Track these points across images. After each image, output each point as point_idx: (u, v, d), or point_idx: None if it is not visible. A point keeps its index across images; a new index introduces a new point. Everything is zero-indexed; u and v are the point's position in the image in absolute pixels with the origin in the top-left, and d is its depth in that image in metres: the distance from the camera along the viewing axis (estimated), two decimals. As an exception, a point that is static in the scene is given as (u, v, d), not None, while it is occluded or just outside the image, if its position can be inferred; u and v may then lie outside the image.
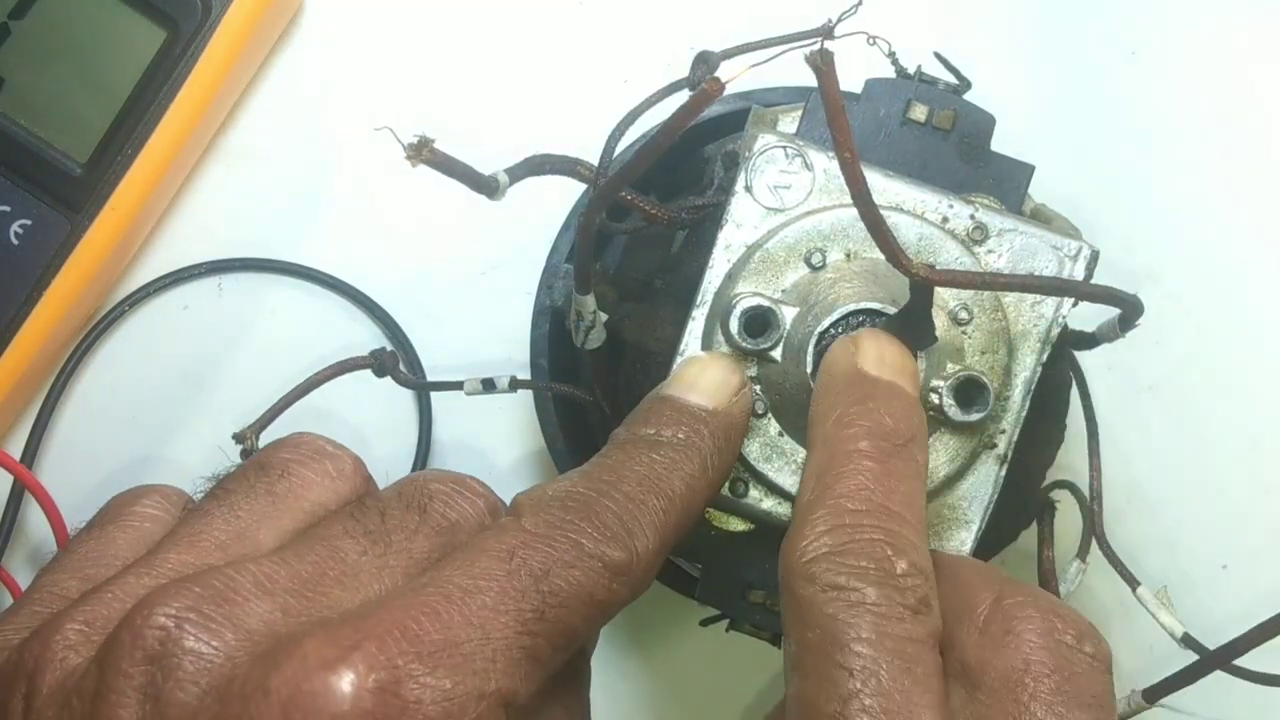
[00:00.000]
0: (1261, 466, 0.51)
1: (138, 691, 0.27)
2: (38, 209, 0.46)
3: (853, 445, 0.33)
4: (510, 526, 0.31)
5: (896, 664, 0.30)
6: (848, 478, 0.33)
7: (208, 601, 0.28)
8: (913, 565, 0.31)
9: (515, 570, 0.30)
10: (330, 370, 0.42)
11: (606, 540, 0.31)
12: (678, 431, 0.34)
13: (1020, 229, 0.38)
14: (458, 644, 0.28)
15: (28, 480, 0.46)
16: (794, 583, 0.32)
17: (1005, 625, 0.31)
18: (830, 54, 0.29)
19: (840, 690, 0.30)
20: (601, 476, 0.33)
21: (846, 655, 0.30)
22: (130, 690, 0.27)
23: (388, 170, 0.50)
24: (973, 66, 0.43)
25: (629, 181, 0.36)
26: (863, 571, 0.31)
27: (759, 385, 0.37)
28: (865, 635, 0.30)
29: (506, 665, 0.29)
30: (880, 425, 0.34)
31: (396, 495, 0.33)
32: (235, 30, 0.46)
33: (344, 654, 0.27)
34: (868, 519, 0.32)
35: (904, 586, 0.31)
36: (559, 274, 0.46)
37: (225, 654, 0.28)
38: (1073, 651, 0.31)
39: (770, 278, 0.38)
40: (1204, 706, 0.48)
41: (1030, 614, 0.31)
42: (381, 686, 0.27)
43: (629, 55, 0.51)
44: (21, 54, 0.46)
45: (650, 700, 0.51)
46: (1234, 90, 0.52)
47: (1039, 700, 0.30)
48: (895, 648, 0.30)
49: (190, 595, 0.28)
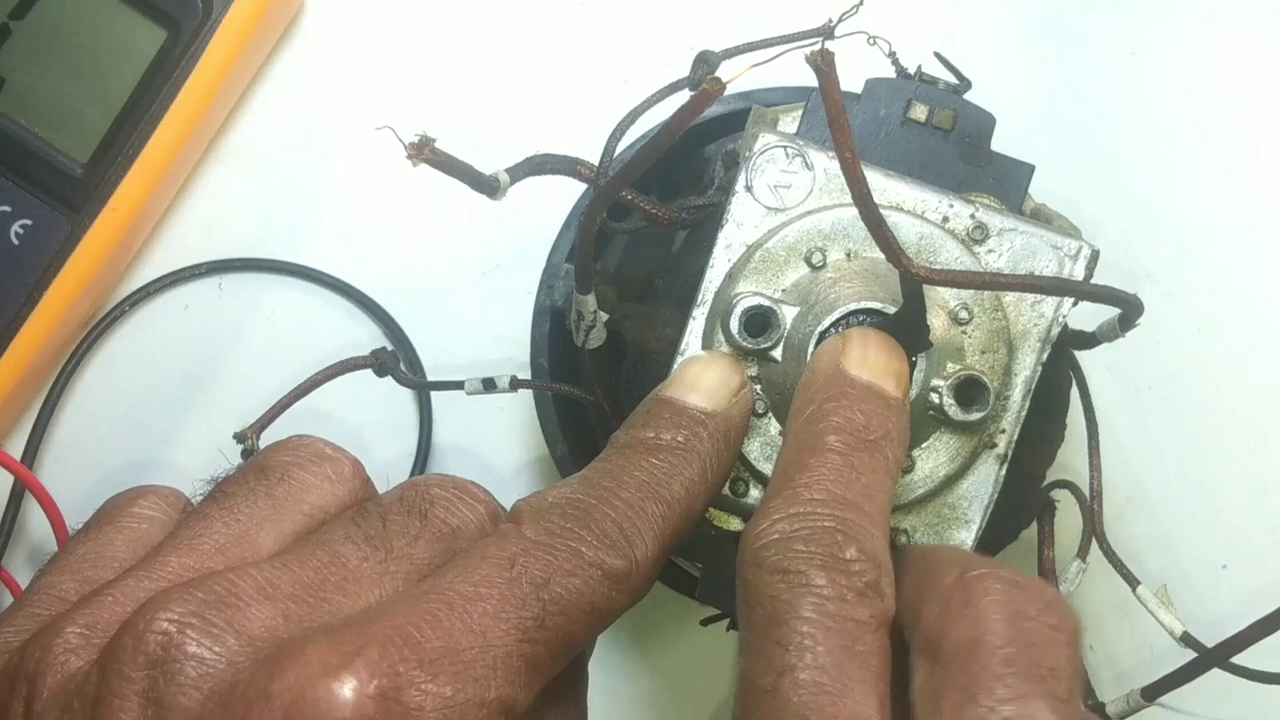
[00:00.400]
0: (1261, 466, 0.51)
1: (139, 696, 0.27)
2: (38, 209, 0.46)
3: (819, 440, 0.33)
4: (511, 534, 0.31)
5: (834, 641, 0.30)
6: (809, 470, 0.33)
7: (210, 606, 0.28)
8: (862, 551, 0.31)
9: (516, 578, 0.30)
10: (330, 370, 0.42)
11: (606, 548, 0.31)
12: (677, 435, 0.34)
13: (1020, 228, 0.38)
14: (459, 651, 0.28)
15: (28, 480, 0.46)
16: (745, 568, 0.32)
17: (966, 597, 0.31)
18: (831, 54, 0.29)
19: (775, 664, 0.30)
20: (601, 482, 0.33)
21: (784, 632, 0.30)
22: (132, 695, 0.27)
23: (388, 170, 0.50)
24: (973, 66, 0.43)
25: (630, 182, 0.36)
26: (809, 556, 0.31)
27: (759, 385, 0.38)
28: (805, 614, 0.30)
29: (507, 673, 0.29)
30: (850, 421, 0.34)
31: (398, 500, 0.33)
32: (235, 30, 0.46)
33: (346, 660, 0.27)
34: (822, 507, 0.32)
35: (851, 571, 0.31)
36: (559, 274, 0.46)
37: (227, 659, 0.28)
38: (1033, 622, 0.30)
39: (771, 277, 0.38)
40: (1204, 706, 0.48)
41: (991, 585, 0.31)
42: (383, 693, 0.27)
43: (629, 55, 0.51)
44: (22, 54, 0.46)
45: (650, 700, 0.51)
46: (1233, 90, 0.52)
47: (989, 671, 0.29)
48: (835, 626, 0.30)
49: (192, 600, 0.28)
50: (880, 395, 0.34)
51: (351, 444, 0.49)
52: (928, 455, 0.38)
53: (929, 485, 0.38)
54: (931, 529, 0.38)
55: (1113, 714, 0.42)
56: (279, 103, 0.51)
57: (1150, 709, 0.42)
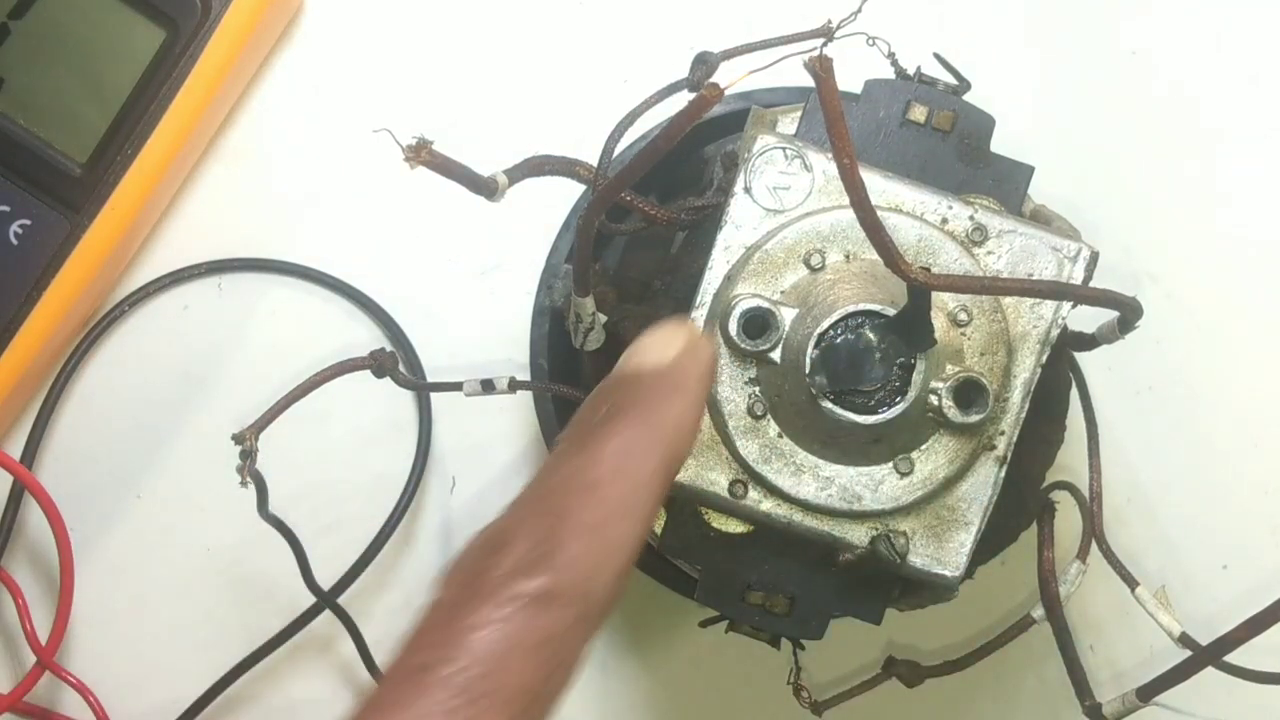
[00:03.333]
0: (1261, 466, 0.51)
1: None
2: (38, 209, 0.46)
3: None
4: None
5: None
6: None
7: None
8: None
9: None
10: (330, 370, 0.42)
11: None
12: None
13: (1020, 230, 0.38)
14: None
15: (28, 480, 0.46)
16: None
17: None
18: (829, 60, 0.29)
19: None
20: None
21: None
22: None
23: (388, 170, 0.49)
24: (972, 67, 0.43)
25: (627, 186, 0.36)
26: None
27: (758, 387, 0.37)
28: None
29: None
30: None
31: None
32: (235, 30, 0.46)
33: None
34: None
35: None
36: (559, 274, 0.46)
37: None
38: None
39: (769, 279, 0.38)
40: (1204, 706, 0.48)
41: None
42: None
43: (629, 55, 0.51)
44: (21, 54, 0.46)
45: (650, 701, 0.51)
46: (1233, 90, 0.52)
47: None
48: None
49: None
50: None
51: (351, 444, 0.50)
52: (927, 457, 0.38)
53: (928, 487, 0.38)
54: (930, 531, 0.38)
55: (1109, 714, 0.41)
56: (279, 102, 0.51)
57: (1149, 709, 0.42)
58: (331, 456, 0.50)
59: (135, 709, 0.49)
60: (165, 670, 0.49)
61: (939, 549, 0.38)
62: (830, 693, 0.47)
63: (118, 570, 0.49)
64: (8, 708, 0.47)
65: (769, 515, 0.38)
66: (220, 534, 0.50)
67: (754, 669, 0.50)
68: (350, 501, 0.50)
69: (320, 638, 0.50)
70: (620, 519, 0.31)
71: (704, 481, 0.38)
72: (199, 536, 0.50)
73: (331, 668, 0.50)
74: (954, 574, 0.38)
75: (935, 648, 0.49)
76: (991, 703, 0.51)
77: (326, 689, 0.50)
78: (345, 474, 0.50)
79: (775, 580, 0.40)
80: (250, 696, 0.50)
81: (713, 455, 0.38)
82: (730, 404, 0.38)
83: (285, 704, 0.50)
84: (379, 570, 0.49)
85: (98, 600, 0.49)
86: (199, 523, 0.50)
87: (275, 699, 0.50)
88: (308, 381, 0.42)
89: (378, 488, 0.49)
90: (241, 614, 0.49)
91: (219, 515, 0.50)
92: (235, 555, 0.50)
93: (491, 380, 0.43)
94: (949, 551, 0.38)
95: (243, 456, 0.40)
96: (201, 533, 0.50)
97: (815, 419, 0.37)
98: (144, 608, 0.50)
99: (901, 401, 0.36)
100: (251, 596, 0.50)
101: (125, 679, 0.49)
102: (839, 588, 0.40)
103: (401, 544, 0.50)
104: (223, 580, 0.50)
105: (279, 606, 0.49)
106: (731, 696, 0.51)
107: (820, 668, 0.50)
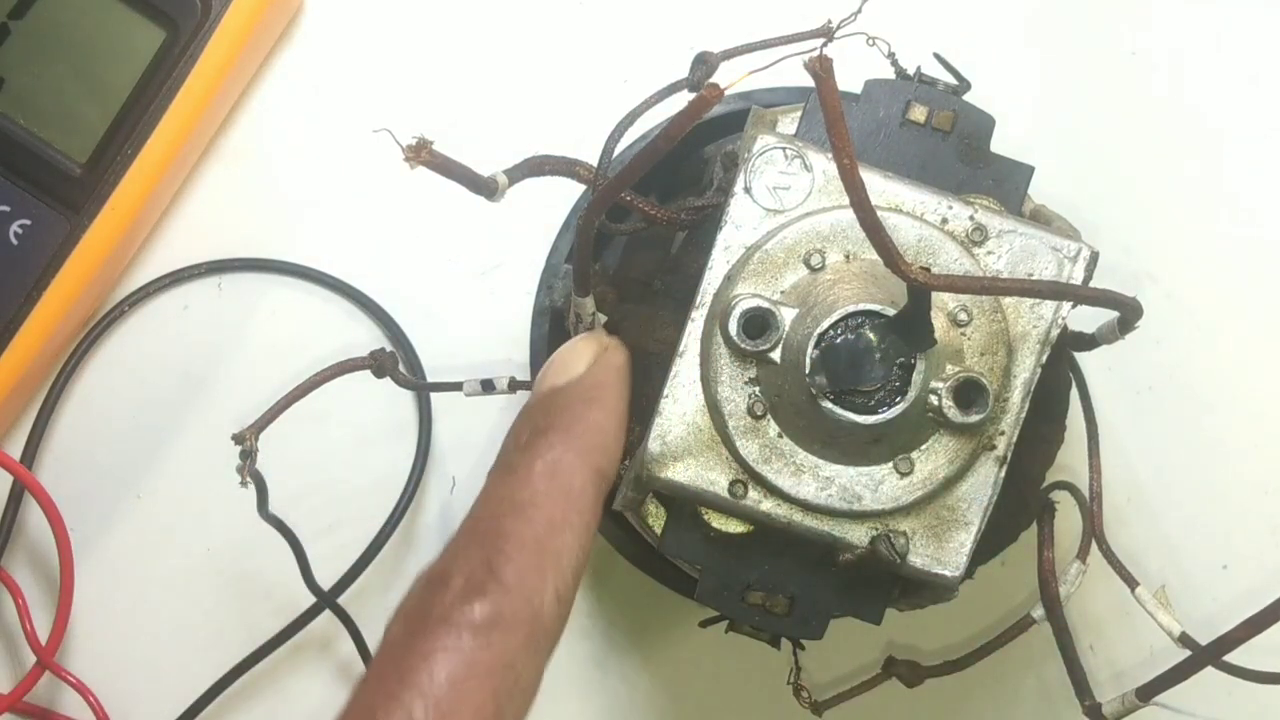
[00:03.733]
0: (1261, 466, 0.51)
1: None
2: (38, 209, 0.46)
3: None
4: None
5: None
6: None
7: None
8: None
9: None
10: (330, 371, 0.42)
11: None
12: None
13: (1020, 230, 0.38)
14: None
15: (28, 480, 0.46)
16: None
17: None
18: (829, 61, 0.29)
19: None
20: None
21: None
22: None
23: (388, 170, 0.49)
24: (973, 67, 0.43)
25: (627, 185, 0.36)
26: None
27: (758, 387, 0.37)
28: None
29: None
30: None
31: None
32: (235, 30, 0.46)
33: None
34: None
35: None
36: (559, 274, 0.46)
37: None
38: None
39: (769, 279, 0.38)
40: (1204, 707, 0.48)
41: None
42: None
43: (629, 55, 0.51)
44: (21, 54, 0.46)
45: (650, 700, 0.51)
46: (1233, 90, 0.52)
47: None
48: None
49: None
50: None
51: (351, 444, 0.50)
52: (927, 457, 0.38)
53: (928, 487, 0.38)
54: (930, 531, 0.38)
55: (1109, 714, 0.41)
56: (279, 102, 0.51)
57: (1149, 709, 0.42)
58: (331, 456, 0.50)
59: (135, 709, 0.49)
60: (165, 670, 0.49)
61: (939, 549, 0.38)
62: (830, 693, 0.47)
63: (118, 570, 0.49)
64: (8, 708, 0.47)
65: (769, 515, 0.38)
66: (220, 534, 0.50)
67: (754, 669, 0.50)
68: (350, 501, 0.50)
69: (320, 638, 0.50)
70: (556, 533, 0.31)
71: (704, 481, 0.38)
72: (199, 536, 0.50)
73: (331, 668, 0.50)
74: (954, 574, 0.38)
75: (935, 648, 0.49)
76: (991, 703, 0.51)
77: (326, 689, 0.50)
78: (345, 474, 0.50)
79: (775, 580, 0.40)
80: (250, 696, 0.50)
81: (713, 455, 0.38)
82: (730, 404, 0.38)
83: (285, 704, 0.50)
84: (379, 570, 0.49)
85: (98, 600, 0.49)
86: (199, 523, 0.50)
87: (275, 699, 0.50)
88: (308, 381, 0.42)
89: (378, 488, 0.49)
90: (241, 614, 0.49)
91: (219, 515, 0.50)
92: (235, 555, 0.50)
93: (491, 380, 0.43)
94: (949, 551, 0.38)
95: (243, 457, 0.40)
96: (201, 533, 0.50)
97: (815, 419, 0.37)
98: (144, 608, 0.50)
99: (901, 401, 0.36)
100: (251, 596, 0.50)
101: (125, 679, 0.49)
102: (839, 588, 0.40)
103: (401, 544, 0.50)
104: (223, 580, 0.50)
105: (279, 606, 0.49)
106: (731, 696, 0.51)
107: (820, 668, 0.50)
